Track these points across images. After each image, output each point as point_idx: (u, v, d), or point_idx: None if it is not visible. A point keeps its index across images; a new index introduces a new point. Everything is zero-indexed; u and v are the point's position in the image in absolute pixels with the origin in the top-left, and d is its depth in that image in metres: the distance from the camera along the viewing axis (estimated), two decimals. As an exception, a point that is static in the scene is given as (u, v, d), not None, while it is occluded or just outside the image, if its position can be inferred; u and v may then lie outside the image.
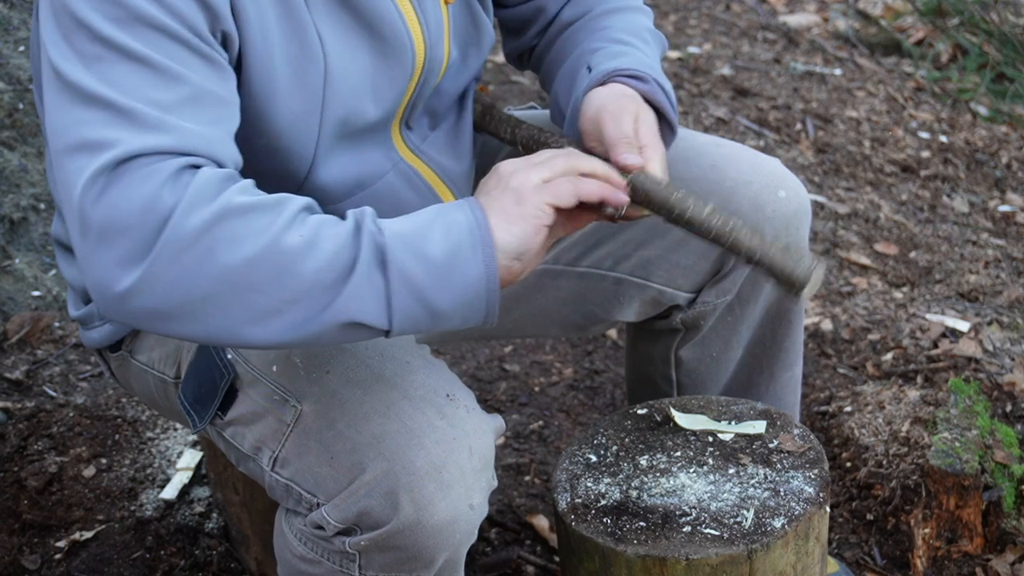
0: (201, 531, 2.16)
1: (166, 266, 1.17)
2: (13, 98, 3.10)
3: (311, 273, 1.19)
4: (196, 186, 1.18)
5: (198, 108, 1.23)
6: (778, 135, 3.88)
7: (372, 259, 1.20)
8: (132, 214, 1.17)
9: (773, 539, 1.43)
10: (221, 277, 1.18)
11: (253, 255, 1.18)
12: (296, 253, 1.19)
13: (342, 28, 1.39)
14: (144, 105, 1.20)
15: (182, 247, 1.17)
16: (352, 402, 1.37)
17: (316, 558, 1.44)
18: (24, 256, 2.87)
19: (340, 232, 1.21)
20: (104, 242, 1.19)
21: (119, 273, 1.18)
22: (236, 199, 1.20)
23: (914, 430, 2.22)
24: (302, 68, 1.37)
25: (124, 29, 1.21)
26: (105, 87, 1.20)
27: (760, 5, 5.24)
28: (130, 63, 1.21)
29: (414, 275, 1.21)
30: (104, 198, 1.18)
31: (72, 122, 1.20)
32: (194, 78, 1.24)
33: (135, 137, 1.18)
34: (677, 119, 1.58)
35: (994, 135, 4.05)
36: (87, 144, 1.19)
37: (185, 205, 1.17)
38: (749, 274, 1.74)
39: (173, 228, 1.17)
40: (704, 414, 1.66)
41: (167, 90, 1.22)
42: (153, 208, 1.17)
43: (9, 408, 2.44)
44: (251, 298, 1.19)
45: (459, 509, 1.35)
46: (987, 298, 2.94)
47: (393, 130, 1.56)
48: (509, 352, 2.78)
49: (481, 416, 1.41)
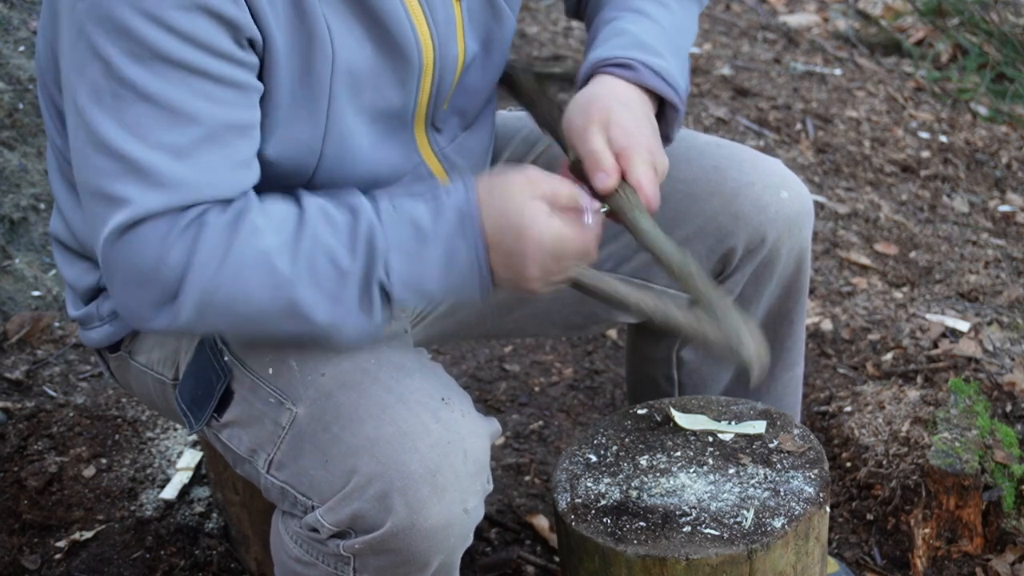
0: (201, 531, 2.16)
1: (192, 316, 1.31)
2: (13, 98, 3.10)
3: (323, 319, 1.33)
4: (204, 240, 1.28)
5: (211, 147, 1.29)
6: (778, 135, 3.88)
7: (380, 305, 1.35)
8: (149, 271, 1.29)
9: (773, 539, 1.43)
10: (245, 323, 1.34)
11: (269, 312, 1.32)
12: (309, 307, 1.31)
13: (350, 22, 1.39)
14: (158, 153, 1.26)
15: (203, 304, 1.30)
16: (347, 405, 1.37)
17: (311, 560, 1.43)
18: (24, 256, 2.87)
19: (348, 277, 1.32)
20: (129, 288, 1.32)
21: (151, 314, 1.32)
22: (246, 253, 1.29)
23: (914, 430, 2.22)
24: (310, 57, 1.37)
25: (143, 66, 1.24)
26: (120, 132, 1.26)
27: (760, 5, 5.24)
28: (146, 104, 1.26)
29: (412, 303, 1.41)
30: (123, 255, 1.29)
31: (90, 168, 1.29)
32: (211, 115, 1.28)
33: (145, 196, 1.27)
34: (682, 97, 1.54)
35: (994, 135, 4.05)
36: (104, 196, 1.28)
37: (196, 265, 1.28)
38: (751, 276, 1.73)
39: (189, 287, 1.29)
40: (704, 414, 1.66)
41: (182, 132, 1.27)
42: (166, 265, 1.28)
43: (9, 408, 2.44)
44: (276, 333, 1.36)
45: (453, 513, 1.35)
46: (987, 298, 2.94)
47: (417, 131, 1.54)
48: (509, 352, 2.78)
49: (476, 419, 1.41)
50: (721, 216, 1.68)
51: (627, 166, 1.43)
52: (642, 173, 1.43)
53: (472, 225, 1.34)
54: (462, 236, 1.34)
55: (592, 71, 1.53)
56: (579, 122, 1.47)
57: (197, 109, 1.27)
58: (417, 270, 1.34)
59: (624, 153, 1.43)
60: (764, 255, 1.70)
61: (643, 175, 1.43)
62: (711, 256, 1.70)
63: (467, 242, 1.34)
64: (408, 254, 1.33)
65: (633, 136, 1.45)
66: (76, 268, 1.58)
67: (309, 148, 1.42)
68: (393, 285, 1.33)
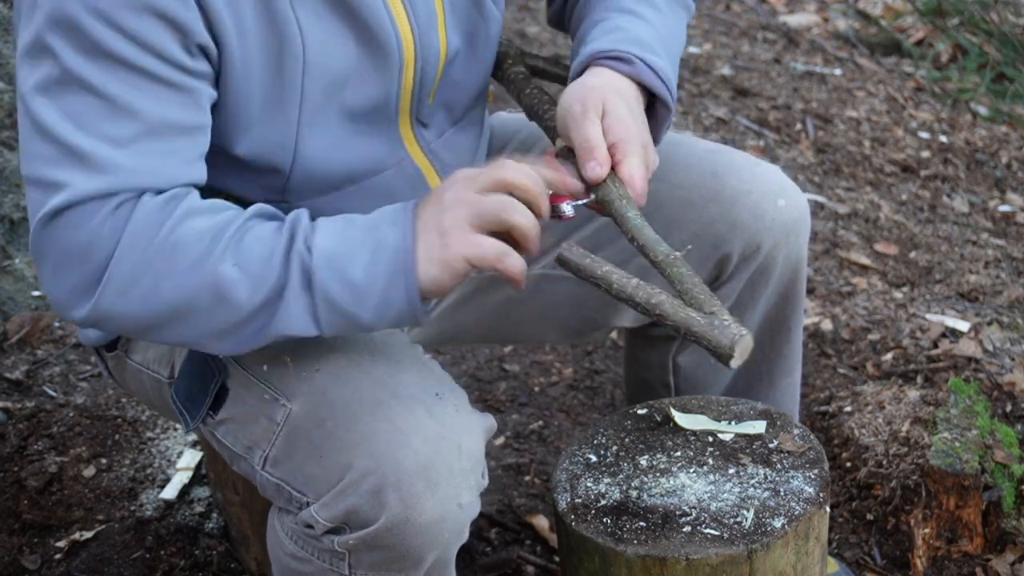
0: (201, 531, 2.16)
1: (114, 300, 1.29)
2: (13, 98, 3.10)
3: (246, 302, 1.29)
4: (136, 220, 1.28)
5: (152, 140, 1.30)
6: (778, 135, 3.88)
7: (299, 283, 1.29)
8: (79, 252, 1.28)
9: (773, 539, 1.43)
10: (165, 310, 1.30)
11: (193, 291, 1.28)
12: (231, 284, 1.28)
13: (325, 18, 1.39)
14: (98, 141, 1.27)
15: (126, 285, 1.28)
16: (341, 401, 1.38)
17: (307, 556, 1.44)
18: (24, 256, 2.88)
19: (273, 254, 1.28)
20: (58, 274, 1.31)
21: (75, 300, 1.31)
22: (176, 231, 1.28)
23: (914, 430, 2.22)
24: (279, 59, 1.37)
25: (90, 61, 1.26)
26: (63, 121, 1.27)
27: (760, 5, 5.24)
28: (90, 96, 1.27)
29: (337, 297, 1.29)
30: (53, 238, 1.28)
31: (31, 154, 1.29)
32: (152, 111, 1.29)
33: (83, 180, 1.27)
34: (674, 96, 1.53)
35: (994, 135, 4.05)
36: (41, 182, 1.28)
37: (125, 243, 1.27)
38: (747, 283, 1.73)
39: (116, 266, 1.28)
40: (704, 414, 1.66)
41: (122, 125, 1.28)
42: (96, 246, 1.28)
43: (9, 408, 2.45)
44: (197, 323, 1.31)
45: (447, 508, 1.35)
46: (987, 298, 2.94)
47: (402, 126, 1.54)
48: (509, 352, 2.78)
49: (471, 415, 1.41)
50: (718, 223, 1.68)
51: (620, 158, 1.42)
52: (634, 166, 1.42)
53: (405, 215, 1.31)
54: (391, 224, 1.31)
55: (588, 63, 1.52)
56: (575, 109, 1.46)
57: (140, 106, 1.29)
58: (341, 249, 1.29)
59: (619, 145, 1.42)
60: (760, 262, 1.70)
61: (635, 168, 1.42)
62: (707, 262, 1.70)
63: (396, 229, 1.30)
64: (332, 233, 1.30)
65: (629, 129, 1.44)
66: None
67: (283, 146, 1.43)
68: (314, 260, 1.28)
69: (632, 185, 1.42)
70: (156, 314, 1.31)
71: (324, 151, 1.46)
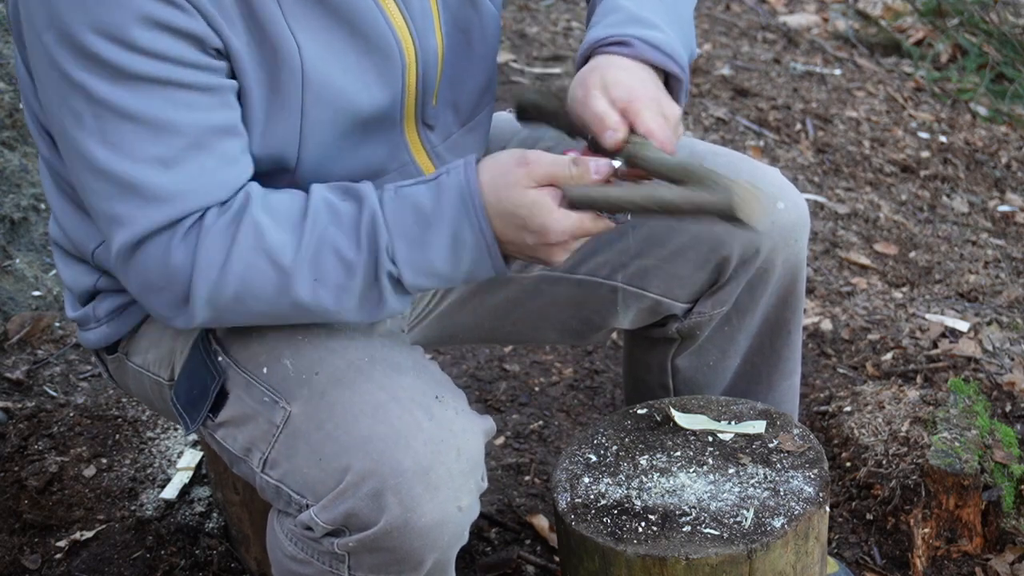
0: (201, 531, 2.16)
1: (210, 314, 1.37)
2: (13, 98, 3.10)
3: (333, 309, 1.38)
4: (203, 245, 1.33)
5: (199, 152, 1.32)
6: (778, 135, 3.88)
7: (393, 290, 1.38)
8: (160, 281, 1.35)
9: (773, 539, 1.43)
10: (260, 317, 1.41)
11: (280, 311, 1.38)
12: (314, 303, 1.37)
13: (322, 30, 1.39)
14: (147, 167, 1.30)
15: (216, 303, 1.35)
16: (340, 404, 1.38)
17: (306, 558, 1.44)
18: (24, 256, 2.88)
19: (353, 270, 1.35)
20: (147, 298, 1.39)
21: (171, 314, 1.39)
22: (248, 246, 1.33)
23: (914, 430, 2.22)
24: (277, 75, 1.37)
25: (117, 86, 1.27)
26: (107, 152, 1.29)
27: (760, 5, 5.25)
28: (127, 122, 1.29)
29: (428, 284, 1.40)
30: (134, 273, 1.36)
31: (89, 191, 1.34)
32: (191, 122, 1.31)
33: (143, 214, 1.32)
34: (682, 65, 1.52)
35: (994, 135, 4.05)
36: (106, 216, 1.34)
37: (199, 267, 1.33)
38: (746, 286, 1.73)
39: (196, 290, 1.34)
40: (704, 414, 1.67)
41: (166, 143, 1.30)
42: (173, 272, 1.34)
43: (9, 408, 2.45)
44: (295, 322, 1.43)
45: (447, 511, 1.35)
46: (987, 298, 2.95)
47: (407, 129, 1.54)
48: (509, 352, 2.78)
49: (470, 417, 1.41)
50: (717, 225, 1.68)
51: (635, 119, 1.41)
52: (650, 119, 1.40)
53: (474, 204, 1.35)
54: (466, 217, 1.35)
55: (589, 52, 1.52)
56: (579, 94, 1.45)
57: (177, 119, 1.30)
58: (423, 255, 1.36)
59: (629, 107, 1.41)
60: (759, 265, 1.70)
61: (652, 121, 1.41)
62: (705, 265, 1.70)
63: (471, 223, 1.35)
64: (412, 240, 1.35)
65: (635, 90, 1.43)
66: (73, 270, 1.58)
67: (288, 146, 1.43)
68: (402, 271, 1.35)
69: (654, 136, 1.40)
70: (256, 320, 1.42)
71: (326, 159, 1.46)
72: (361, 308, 1.39)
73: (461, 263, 1.37)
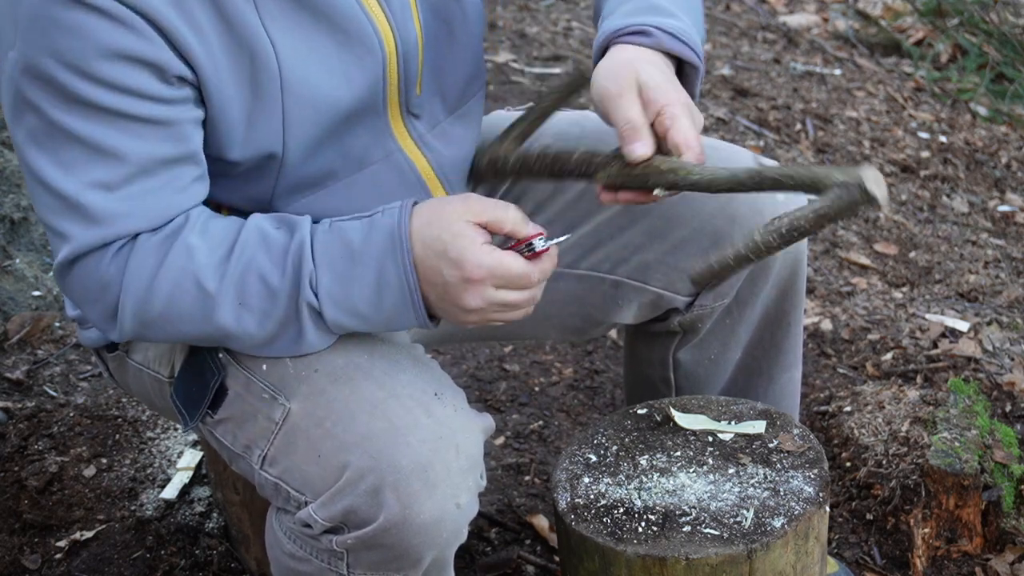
0: (201, 531, 2.16)
1: (138, 330, 1.40)
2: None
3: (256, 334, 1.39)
4: (132, 265, 1.36)
5: (143, 179, 1.35)
6: (778, 135, 3.88)
7: (312, 322, 1.38)
8: (93, 293, 1.39)
9: (773, 539, 1.43)
10: (184, 337, 1.43)
11: (204, 332, 1.39)
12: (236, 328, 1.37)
13: (298, 27, 1.38)
14: (89, 189, 1.33)
15: (141, 319, 1.38)
16: (339, 401, 1.38)
17: (305, 556, 1.44)
18: (24, 256, 2.88)
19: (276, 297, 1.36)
20: (84, 308, 1.43)
21: (105, 327, 1.42)
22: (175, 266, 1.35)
23: (914, 430, 2.22)
24: (256, 79, 1.37)
25: (70, 112, 1.30)
26: (56, 170, 1.33)
27: (760, 5, 5.25)
28: (78, 146, 1.32)
29: (349, 325, 1.40)
30: (71, 284, 1.40)
31: (38, 203, 1.38)
32: (138, 151, 1.33)
33: (82, 232, 1.34)
34: (699, 54, 1.51)
35: (994, 135, 4.05)
36: (51, 229, 1.38)
37: (127, 284, 1.36)
38: (747, 277, 1.73)
39: (125, 305, 1.37)
40: (704, 414, 1.67)
41: (111, 169, 1.33)
42: (105, 287, 1.37)
43: (9, 408, 2.45)
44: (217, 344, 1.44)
45: (445, 508, 1.35)
46: (987, 298, 2.95)
47: (392, 119, 1.53)
48: (509, 352, 2.78)
49: (469, 415, 1.41)
50: (717, 218, 1.68)
51: (669, 124, 1.40)
52: (686, 128, 1.41)
53: (401, 248, 1.35)
54: (391, 258, 1.35)
55: (608, 42, 1.51)
56: (611, 88, 1.44)
57: (125, 147, 1.32)
58: (345, 291, 1.36)
59: (665, 111, 1.41)
60: None
61: (687, 131, 1.41)
62: (706, 259, 1.69)
63: (396, 265, 1.35)
64: (337, 274, 1.35)
65: (669, 93, 1.42)
66: None
67: (272, 144, 1.43)
68: (323, 305, 1.36)
69: (689, 146, 1.41)
70: (179, 339, 1.44)
71: (310, 154, 1.46)
72: (283, 337, 1.39)
73: (383, 304, 1.36)
